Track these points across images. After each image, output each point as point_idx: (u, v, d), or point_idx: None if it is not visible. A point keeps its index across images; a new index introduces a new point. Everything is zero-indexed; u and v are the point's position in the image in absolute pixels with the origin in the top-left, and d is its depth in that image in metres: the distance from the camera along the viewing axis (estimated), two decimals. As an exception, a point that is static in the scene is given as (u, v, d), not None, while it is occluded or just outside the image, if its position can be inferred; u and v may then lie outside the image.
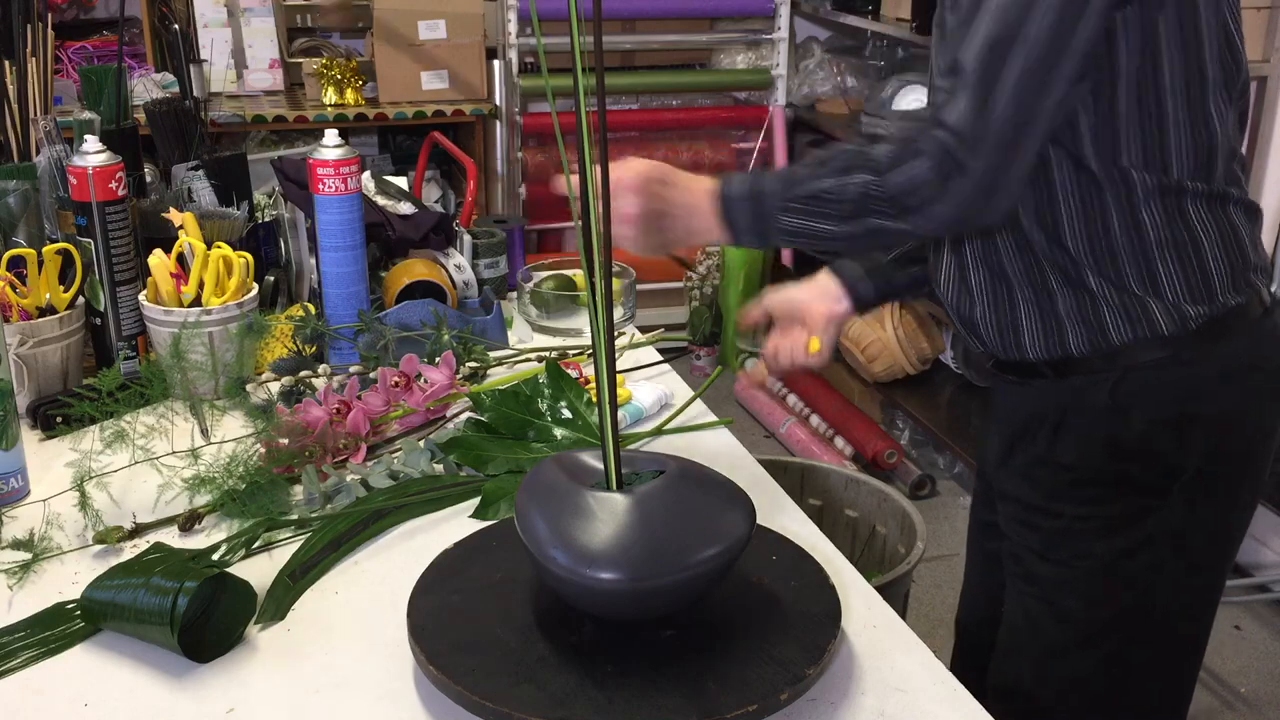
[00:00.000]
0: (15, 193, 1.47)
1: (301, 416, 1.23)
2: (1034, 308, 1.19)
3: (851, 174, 1.07)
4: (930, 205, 1.05)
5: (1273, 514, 2.66)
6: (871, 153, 1.07)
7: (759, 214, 1.11)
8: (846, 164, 1.08)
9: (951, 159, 1.03)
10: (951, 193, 1.04)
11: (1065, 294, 1.16)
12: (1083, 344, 1.17)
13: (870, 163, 1.06)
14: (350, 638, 0.96)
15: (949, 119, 1.03)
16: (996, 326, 1.22)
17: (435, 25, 3.35)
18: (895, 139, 1.07)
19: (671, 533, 0.86)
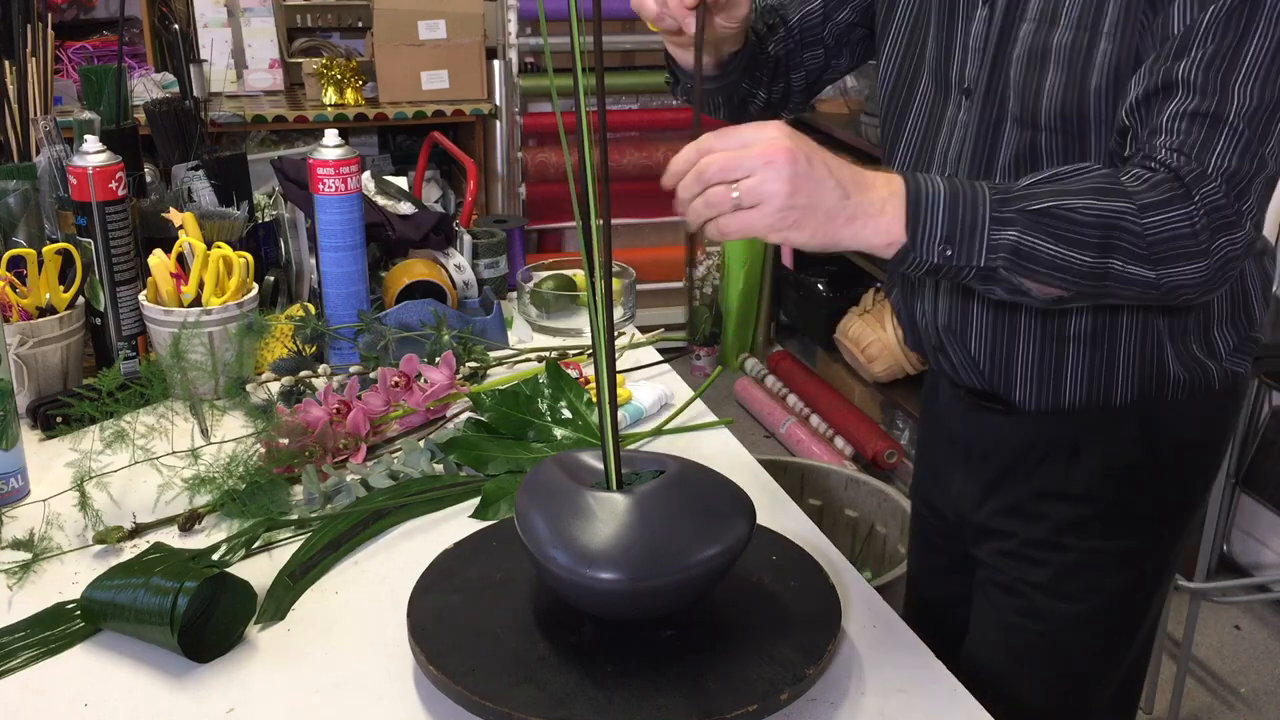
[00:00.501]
0: (15, 193, 1.47)
1: (301, 416, 1.23)
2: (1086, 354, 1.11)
3: (1109, 198, 0.90)
4: (1192, 262, 0.91)
5: (1273, 514, 2.66)
6: (1124, 182, 0.91)
7: (965, 222, 0.88)
8: (1096, 185, 0.90)
9: (1222, 217, 0.91)
10: (1213, 255, 0.91)
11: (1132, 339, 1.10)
12: (1130, 395, 1.12)
13: (1128, 192, 0.90)
14: (350, 638, 0.96)
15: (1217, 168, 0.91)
16: (1036, 385, 1.14)
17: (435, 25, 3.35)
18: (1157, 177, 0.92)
19: (671, 533, 0.86)
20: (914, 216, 0.88)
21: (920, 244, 0.88)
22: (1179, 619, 2.37)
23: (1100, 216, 0.89)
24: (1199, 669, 2.48)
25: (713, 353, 4.06)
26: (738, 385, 3.80)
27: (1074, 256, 0.89)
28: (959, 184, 0.89)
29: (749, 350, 4.00)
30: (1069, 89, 1.01)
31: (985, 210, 0.88)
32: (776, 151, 0.83)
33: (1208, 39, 0.92)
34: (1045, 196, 0.89)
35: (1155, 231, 0.89)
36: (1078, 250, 0.89)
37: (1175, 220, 0.90)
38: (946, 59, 1.13)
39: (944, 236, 0.88)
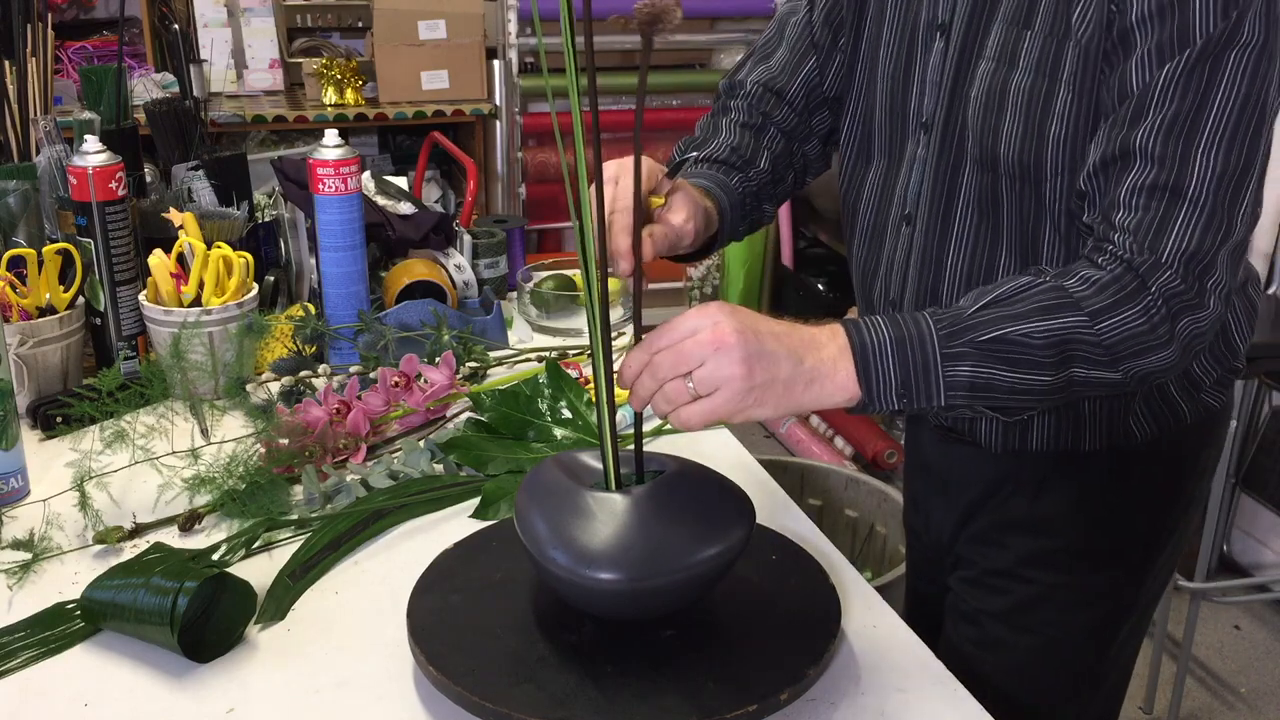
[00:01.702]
0: (15, 193, 1.47)
1: (301, 417, 1.23)
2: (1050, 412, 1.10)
3: (1055, 315, 0.88)
4: (1154, 353, 0.89)
5: (1273, 514, 2.66)
6: (1073, 290, 0.89)
7: (918, 368, 0.87)
8: (1045, 302, 0.88)
9: (1182, 301, 0.89)
10: (1178, 339, 0.90)
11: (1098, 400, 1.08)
12: (1099, 441, 1.10)
13: (1075, 303, 0.88)
14: (350, 638, 0.96)
15: (1172, 253, 0.88)
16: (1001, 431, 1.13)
17: (435, 25, 3.35)
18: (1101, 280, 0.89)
19: (671, 533, 0.86)
20: (864, 371, 0.86)
21: (877, 396, 0.87)
22: (1179, 619, 2.37)
23: (1052, 335, 0.87)
24: (1199, 669, 2.49)
25: (713, 353, 4.05)
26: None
27: (1033, 378, 0.88)
28: (904, 324, 0.88)
29: (749, 350, 4.00)
30: (1027, 136, 0.99)
31: (934, 349, 0.87)
32: (725, 335, 0.82)
33: (1166, 100, 0.89)
34: (993, 324, 0.87)
35: (1110, 335, 0.88)
36: (1035, 371, 0.88)
37: (1130, 320, 0.88)
38: (904, 93, 1.10)
39: (899, 385, 0.87)
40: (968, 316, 0.88)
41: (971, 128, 1.03)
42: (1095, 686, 1.20)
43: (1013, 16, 0.99)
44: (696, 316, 0.84)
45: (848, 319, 0.89)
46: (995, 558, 1.18)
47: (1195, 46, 0.87)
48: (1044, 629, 1.17)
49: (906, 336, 0.87)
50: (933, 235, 1.09)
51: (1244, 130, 0.88)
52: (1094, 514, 1.14)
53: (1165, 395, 1.10)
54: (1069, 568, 1.15)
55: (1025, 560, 1.16)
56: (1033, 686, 1.19)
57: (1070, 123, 0.96)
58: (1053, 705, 1.20)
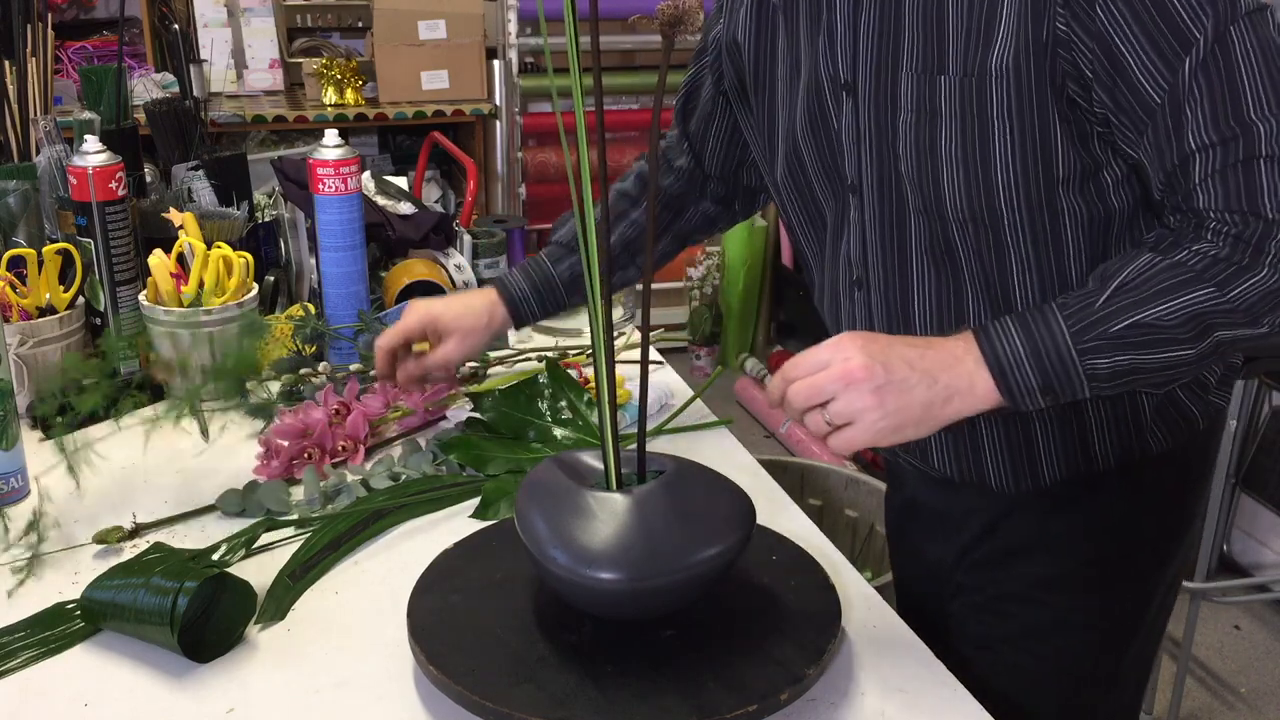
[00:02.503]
0: (15, 193, 1.47)
1: (301, 418, 1.23)
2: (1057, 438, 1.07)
3: (1185, 292, 0.87)
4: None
5: (1273, 514, 2.66)
6: (1194, 266, 0.88)
7: (1057, 369, 0.87)
8: (1170, 283, 0.88)
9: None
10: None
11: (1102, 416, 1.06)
12: (1111, 458, 1.08)
13: (1200, 276, 0.88)
14: (350, 638, 0.96)
15: (1273, 211, 0.86)
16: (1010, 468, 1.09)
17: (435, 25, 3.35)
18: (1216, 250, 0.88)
19: (671, 533, 0.86)
20: (1003, 381, 0.88)
21: (1021, 401, 0.88)
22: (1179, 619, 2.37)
23: (1185, 312, 0.87)
24: (1199, 669, 2.49)
25: (713, 353, 4.06)
26: (738, 385, 3.81)
27: (1176, 354, 0.88)
28: (1034, 326, 0.88)
29: (749, 350, 4.00)
30: (970, 185, 0.97)
31: (1069, 349, 0.87)
32: (853, 371, 0.84)
33: (1198, 95, 0.87)
34: (1125, 312, 0.87)
35: (1245, 299, 0.87)
36: (1177, 348, 0.88)
37: (1260, 282, 0.87)
38: (832, 155, 1.07)
39: (1040, 387, 0.88)
40: (1098, 308, 0.88)
41: (910, 182, 1.00)
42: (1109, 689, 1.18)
43: (921, 65, 0.96)
44: (830, 350, 0.86)
45: (978, 328, 0.90)
46: (1004, 582, 1.15)
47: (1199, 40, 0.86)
48: (1059, 651, 1.14)
49: (1039, 340, 0.87)
50: (892, 296, 1.07)
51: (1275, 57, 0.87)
52: (1106, 529, 1.11)
53: (1177, 403, 1.08)
54: (1085, 587, 1.12)
55: (1037, 584, 1.13)
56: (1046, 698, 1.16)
57: (1015, 160, 0.95)
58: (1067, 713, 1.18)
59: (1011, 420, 1.06)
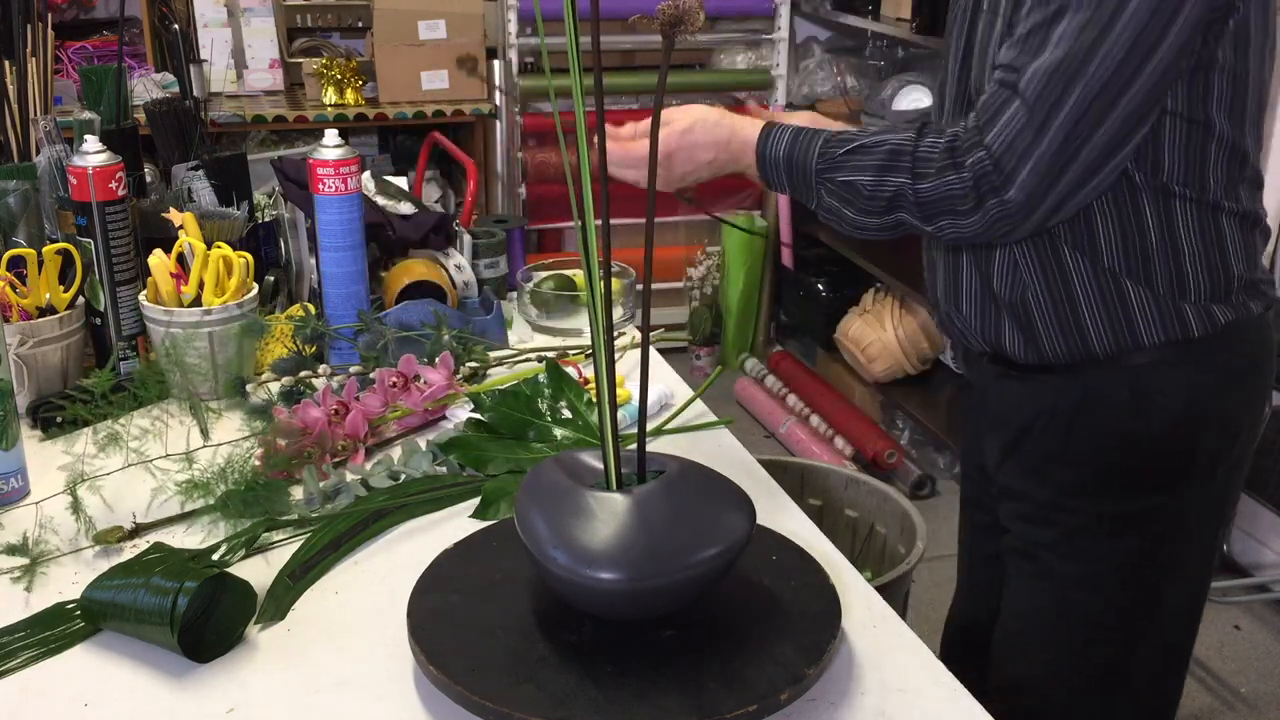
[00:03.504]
0: (15, 193, 1.47)
1: (300, 418, 1.23)
2: (1051, 314, 1.18)
3: (889, 174, 1.10)
4: (961, 218, 1.09)
5: (1273, 514, 2.66)
6: (917, 151, 1.09)
7: (798, 183, 1.17)
8: (886, 162, 1.11)
9: (989, 183, 1.06)
10: (984, 212, 1.07)
11: (1093, 302, 1.15)
12: (1107, 344, 1.17)
13: (909, 165, 1.09)
14: (350, 638, 0.96)
15: (994, 141, 1.05)
16: (1011, 334, 1.21)
17: (435, 25, 3.35)
18: (939, 146, 1.09)
19: (671, 533, 0.86)
20: (764, 173, 1.20)
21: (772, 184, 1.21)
22: (1179, 619, 2.37)
23: (883, 190, 1.11)
24: (1199, 669, 2.49)
25: (713, 353, 4.06)
26: (738, 385, 3.80)
27: (866, 220, 1.14)
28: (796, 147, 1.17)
29: (749, 350, 4.00)
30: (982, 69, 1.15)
31: (812, 176, 1.16)
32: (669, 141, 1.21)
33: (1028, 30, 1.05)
34: (849, 169, 1.13)
35: (926, 197, 1.09)
36: (868, 215, 1.14)
37: (944, 187, 1.08)
38: None
39: (787, 186, 1.19)
40: (839, 157, 1.14)
41: None
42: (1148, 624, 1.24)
43: None
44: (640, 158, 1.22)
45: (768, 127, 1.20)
46: (1041, 489, 1.25)
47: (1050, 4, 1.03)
48: (1091, 558, 1.23)
49: (795, 157, 1.18)
50: None
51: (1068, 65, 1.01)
52: (1117, 442, 1.19)
53: (1157, 297, 1.14)
54: (1101, 496, 1.21)
55: (1066, 491, 1.23)
56: (1087, 620, 1.25)
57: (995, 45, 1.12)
58: (1116, 645, 1.25)
59: (1015, 287, 1.19)
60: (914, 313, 3.42)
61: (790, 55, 3.90)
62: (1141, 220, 1.12)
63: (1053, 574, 1.25)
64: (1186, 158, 1.10)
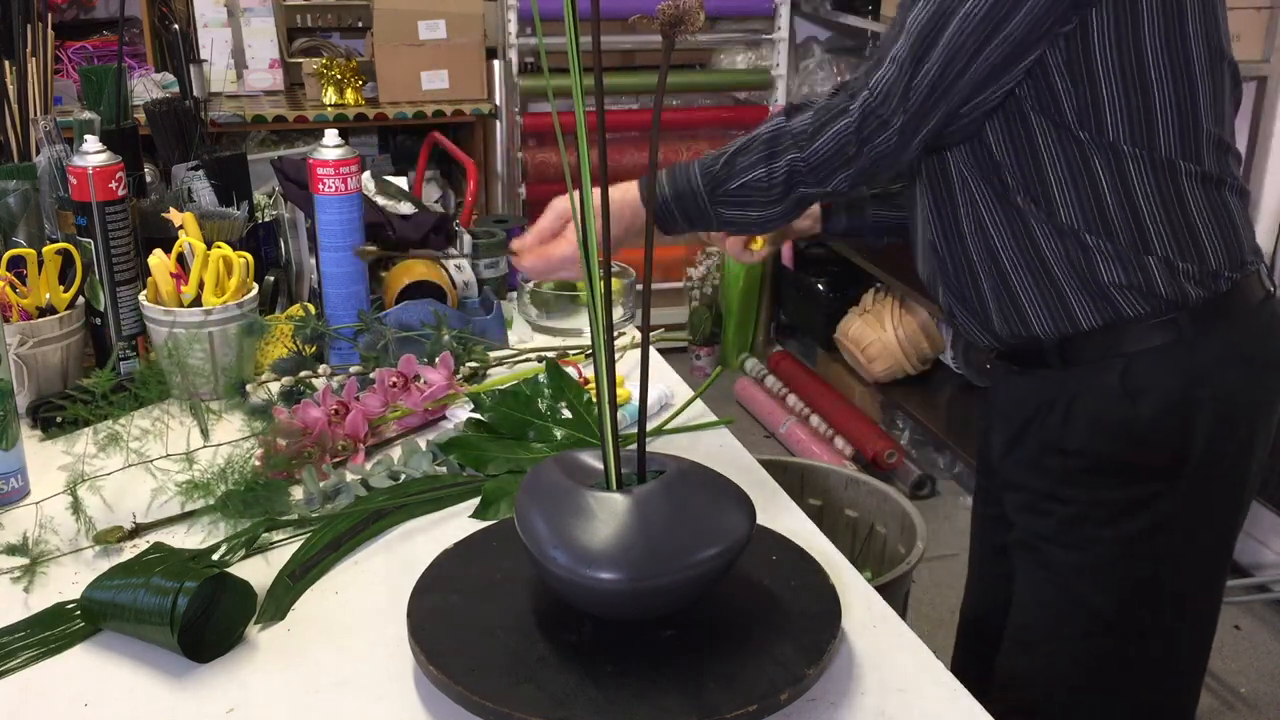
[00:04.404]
0: (15, 193, 1.47)
1: (300, 418, 1.23)
2: (1030, 282, 1.20)
3: (776, 159, 1.15)
4: (851, 163, 1.14)
5: (1273, 514, 2.66)
6: (792, 127, 1.15)
7: (690, 212, 1.20)
8: (770, 148, 1.15)
9: (875, 116, 1.12)
10: (869, 147, 1.13)
11: (1061, 263, 1.18)
12: (1091, 316, 1.18)
13: (792, 138, 1.15)
14: (350, 638, 0.96)
15: (875, 82, 1.12)
16: (1000, 313, 1.24)
17: (435, 25, 3.35)
18: (819, 105, 1.16)
19: (671, 533, 0.86)
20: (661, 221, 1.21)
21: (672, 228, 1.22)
22: (1179, 619, 2.37)
23: (776, 175, 1.15)
24: (1199, 669, 2.48)
25: (713, 353, 4.06)
26: (738, 385, 3.81)
27: (769, 212, 1.18)
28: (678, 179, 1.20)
29: (749, 350, 4.00)
30: None
31: (704, 200, 1.19)
32: None
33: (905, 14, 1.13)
34: (735, 175, 1.17)
35: (817, 158, 1.14)
36: (770, 206, 1.18)
37: (829, 141, 1.13)
38: None
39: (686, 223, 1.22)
40: (719, 171, 1.18)
41: None
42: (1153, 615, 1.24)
43: None
44: None
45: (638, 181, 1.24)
46: (1040, 480, 1.27)
47: None
48: (1089, 545, 1.23)
49: (683, 194, 1.20)
50: None
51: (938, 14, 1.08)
52: (1109, 430, 1.21)
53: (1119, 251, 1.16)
54: (1096, 485, 1.22)
55: (1062, 480, 1.24)
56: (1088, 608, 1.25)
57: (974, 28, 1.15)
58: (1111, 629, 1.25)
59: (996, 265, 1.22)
60: (914, 313, 3.42)
61: (790, 55, 3.90)
62: (1094, 177, 1.14)
63: (1053, 564, 1.26)
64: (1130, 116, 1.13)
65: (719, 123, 3.93)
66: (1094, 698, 1.27)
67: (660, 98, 0.88)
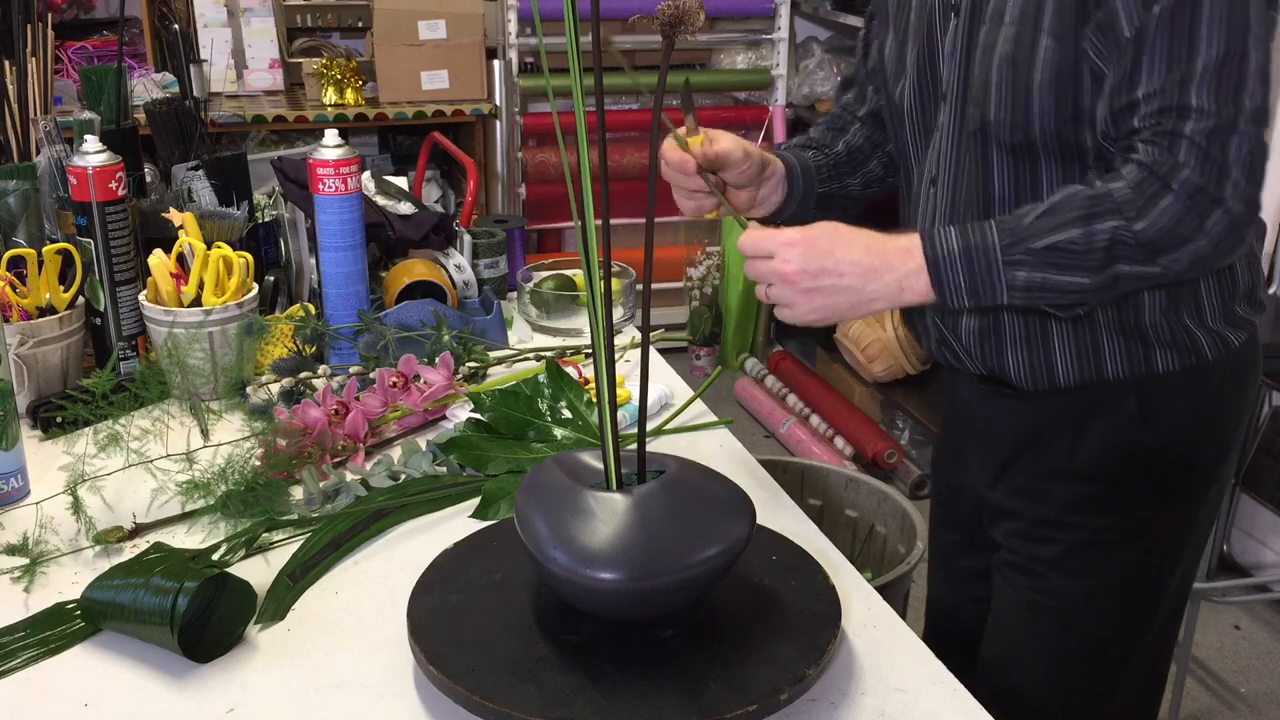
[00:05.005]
0: (15, 193, 1.47)
1: (300, 418, 1.23)
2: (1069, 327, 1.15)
3: (1097, 220, 0.99)
4: (1186, 244, 0.99)
5: (1273, 514, 2.66)
6: (1114, 195, 1.00)
7: (983, 273, 1.01)
8: (1088, 210, 1.00)
9: (1206, 196, 0.98)
10: (1209, 230, 0.99)
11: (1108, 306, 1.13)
12: (1120, 364, 1.15)
13: (1116, 206, 0.99)
14: (350, 638, 0.96)
15: (1189, 156, 0.98)
16: (1029, 365, 1.18)
17: (435, 25, 3.35)
18: (1131, 179, 1.00)
19: (671, 533, 0.86)
20: (936, 275, 1.02)
21: (949, 296, 1.02)
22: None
23: (1095, 239, 0.99)
24: (1199, 669, 2.49)
25: (713, 353, 4.06)
26: (738, 385, 3.80)
27: (1080, 280, 1.01)
28: (971, 233, 1.02)
29: (749, 350, 4.00)
30: (1017, 84, 1.07)
31: (996, 256, 1.01)
32: (786, 274, 1.01)
33: (1159, 40, 0.98)
34: (1045, 233, 1.00)
35: (1147, 232, 0.99)
36: (1082, 274, 1.00)
37: (1163, 216, 0.98)
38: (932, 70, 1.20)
39: (967, 289, 1.02)
40: (1026, 226, 1.01)
41: (975, 84, 1.12)
42: (1145, 634, 1.25)
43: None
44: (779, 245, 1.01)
45: (927, 231, 1.04)
46: (1041, 507, 1.23)
47: None
48: (1098, 571, 1.22)
49: (973, 245, 1.01)
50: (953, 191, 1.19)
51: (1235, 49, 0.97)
52: (1126, 453, 1.18)
53: (1181, 322, 1.13)
54: (1106, 509, 1.19)
55: (1069, 507, 1.21)
56: (1086, 632, 1.24)
57: (1053, 68, 1.05)
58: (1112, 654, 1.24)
59: (1030, 316, 1.16)
60: (914, 313, 3.42)
61: (790, 55, 3.90)
62: None
63: (1051, 589, 1.24)
64: None
65: (719, 122, 3.91)
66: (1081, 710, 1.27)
67: (660, 98, 0.88)
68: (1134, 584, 1.23)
